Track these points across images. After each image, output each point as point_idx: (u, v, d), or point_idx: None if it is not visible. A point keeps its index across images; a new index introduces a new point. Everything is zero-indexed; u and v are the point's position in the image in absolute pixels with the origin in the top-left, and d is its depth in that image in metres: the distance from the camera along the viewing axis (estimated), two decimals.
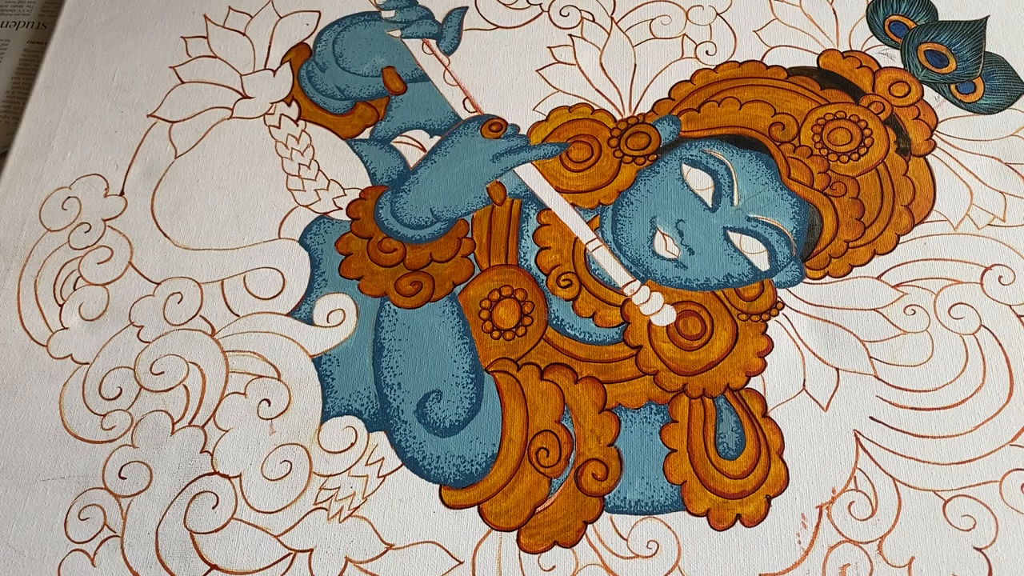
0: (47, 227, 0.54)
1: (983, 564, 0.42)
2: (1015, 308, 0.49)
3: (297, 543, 0.44)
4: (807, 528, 0.44)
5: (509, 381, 0.48)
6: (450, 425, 0.47)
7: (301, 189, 0.54)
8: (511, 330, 0.49)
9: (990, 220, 0.51)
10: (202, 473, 0.46)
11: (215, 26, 0.60)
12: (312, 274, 0.51)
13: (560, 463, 0.46)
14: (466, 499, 0.45)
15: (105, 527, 0.45)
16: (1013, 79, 0.56)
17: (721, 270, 0.50)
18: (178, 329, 0.50)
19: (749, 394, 0.47)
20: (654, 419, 0.47)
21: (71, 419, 0.48)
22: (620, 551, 0.44)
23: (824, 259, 0.51)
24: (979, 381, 0.47)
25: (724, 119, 0.55)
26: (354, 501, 0.45)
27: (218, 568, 0.44)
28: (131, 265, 0.52)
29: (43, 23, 0.63)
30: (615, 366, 0.48)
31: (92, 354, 0.50)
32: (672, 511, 0.44)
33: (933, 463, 0.45)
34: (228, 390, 0.48)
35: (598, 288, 0.50)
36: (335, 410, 0.48)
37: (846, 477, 0.45)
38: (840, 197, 0.52)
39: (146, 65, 0.59)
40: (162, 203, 0.54)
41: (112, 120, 0.57)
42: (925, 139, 0.54)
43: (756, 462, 0.45)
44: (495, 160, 0.55)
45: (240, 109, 0.57)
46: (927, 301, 0.49)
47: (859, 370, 0.47)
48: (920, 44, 0.57)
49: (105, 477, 0.46)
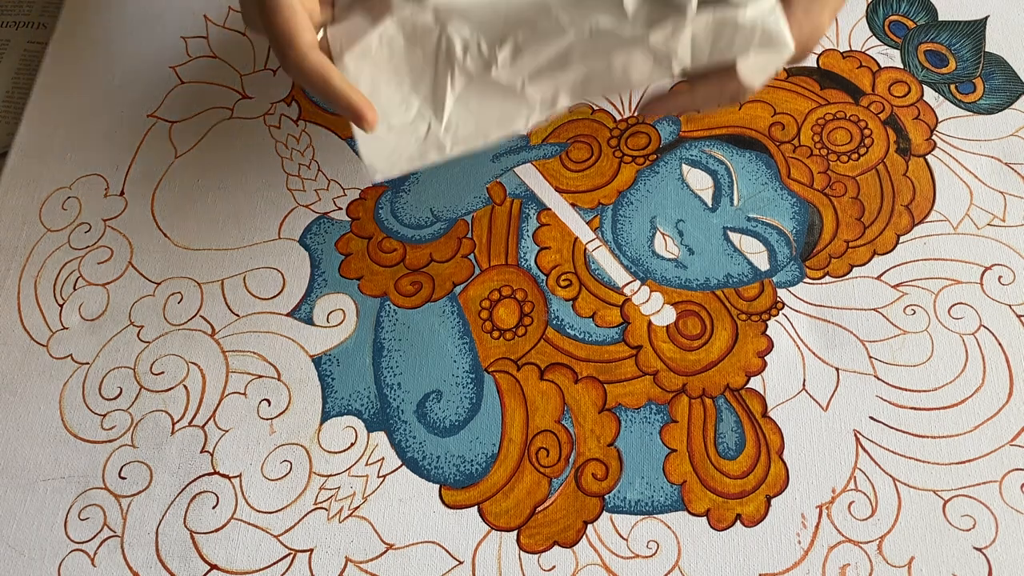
0: (47, 227, 0.54)
1: (983, 564, 0.42)
2: (1015, 308, 0.49)
3: (297, 543, 0.44)
4: (807, 528, 0.44)
5: (509, 381, 0.48)
6: (450, 425, 0.47)
7: (301, 189, 0.54)
8: (511, 330, 0.49)
9: (990, 220, 0.51)
10: (202, 473, 0.46)
11: (215, 26, 0.60)
12: (312, 274, 0.51)
13: (560, 463, 0.46)
14: (466, 499, 0.45)
15: (105, 527, 0.45)
16: (1013, 79, 0.56)
17: (721, 270, 0.50)
18: (178, 329, 0.50)
19: (749, 394, 0.47)
20: (654, 419, 0.47)
21: (71, 419, 0.48)
22: (620, 551, 0.44)
23: (824, 259, 0.51)
24: (979, 381, 0.47)
25: (724, 119, 0.55)
26: (354, 501, 0.45)
27: (218, 568, 0.44)
28: (131, 265, 0.52)
29: (43, 23, 0.63)
30: (615, 366, 0.48)
31: (92, 354, 0.50)
32: (672, 511, 0.44)
33: (933, 463, 0.45)
34: (228, 390, 0.48)
35: (598, 288, 0.50)
36: (335, 410, 0.48)
37: (846, 477, 0.45)
38: (840, 197, 0.52)
39: (146, 65, 0.59)
40: (162, 203, 0.54)
41: (112, 120, 0.57)
42: (925, 139, 0.54)
43: (756, 462, 0.45)
44: (495, 160, 0.55)
45: (240, 109, 0.57)
46: (927, 301, 0.49)
47: (859, 370, 0.47)
48: (920, 44, 0.57)
49: (105, 477, 0.46)
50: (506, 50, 0.43)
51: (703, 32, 0.41)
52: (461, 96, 0.44)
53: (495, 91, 0.43)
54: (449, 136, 0.43)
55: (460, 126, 0.43)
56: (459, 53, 0.43)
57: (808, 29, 0.43)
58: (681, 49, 0.41)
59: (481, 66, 0.43)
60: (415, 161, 0.44)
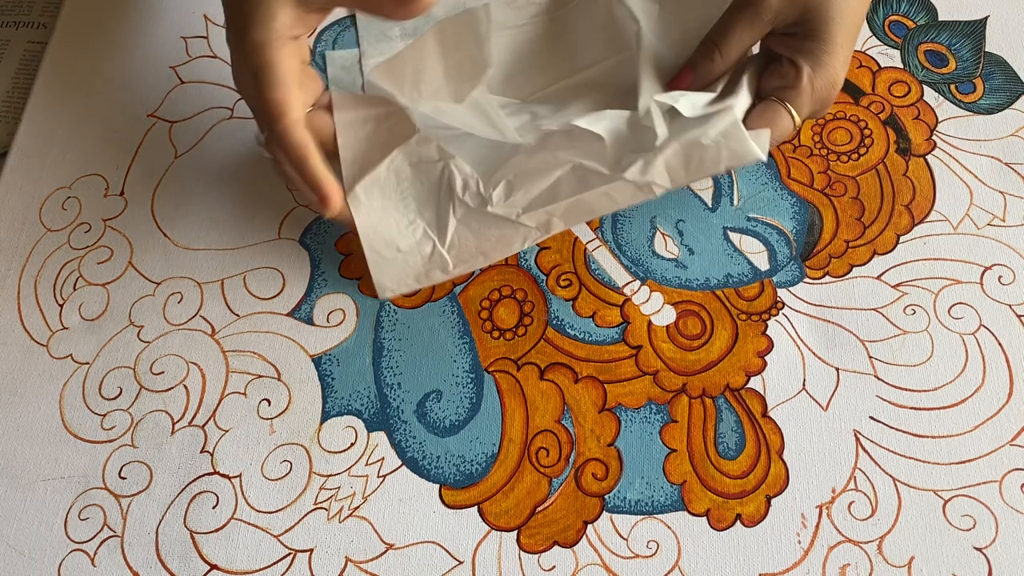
0: (47, 227, 0.54)
1: (983, 564, 0.42)
2: (1015, 308, 0.49)
3: (297, 543, 0.44)
4: (807, 528, 0.44)
5: (509, 381, 0.48)
6: (450, 425, 0.47)
7: None
8: (511, 330, 0.49)
9: (990, 220, 0.51)
10: (202, 473, 0.46)
11: (215, 26, 0.60)
12: (312, 274, 0.51)
13: (560, 463, 0.46)
14: (466, 499, 0.45)
15: (105, 527, 0.45)
16: (1013, 79, 0.56)
17: (721, 270, 0.50)
18: (178, 329, 0.50)
19: (749, 394, 0.47)
20: (654, 419, 0.47)
21: (71, 419, 0.48)
22: (620, 551, 0.44)
23: (824, 259, 0.51)
24: (979, 381, 0.47)
25: None
26: (354, 501, 0.45)
27: (218, 568, 0.44)
28: (131, 265, 0.52)
29: (43, 23, 0.63)
30: (615, 366, 0.48)
31: (92, 354, 0.50)
32: (672, 511, 0.44)
33: (933, 463, 0.45)
34: (228, 390, 0.48)
35: (598, 288, 0.50)
36: (335, 410, 0.48)
37: (846, 477, 0.45)
38: (840, 197, 0.52)
39: (146, 65, 0.59)
40: (162, 203, 0.54)
41: (112, 120, 0.57)
42: (925, 139, 0.54)
43: (756, 462, 0.45)
44: None
45: (240, 109, 0.57)
46: (927, 301, 0.49)
47: (859, 370, 0.47)
48: (920, 44, 0.57)
49: (105, 477, 0.46)
50: (500, 188, 0.47)
51: (674, 158, 0.44)
52: (463, 219, 0.47)
53: (493, 219, 0.47)
54: (452, 255, 0.48)
55: (462, 247, 0.47)
56: (459, 190, 0.47)
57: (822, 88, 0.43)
58: (658, 177, 0.44)
59: (479, 202, 0.47)
60: (421, 280, 0.48)
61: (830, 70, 0.43)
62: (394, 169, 0.48)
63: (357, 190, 0.47)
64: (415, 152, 0.48)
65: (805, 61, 0.43)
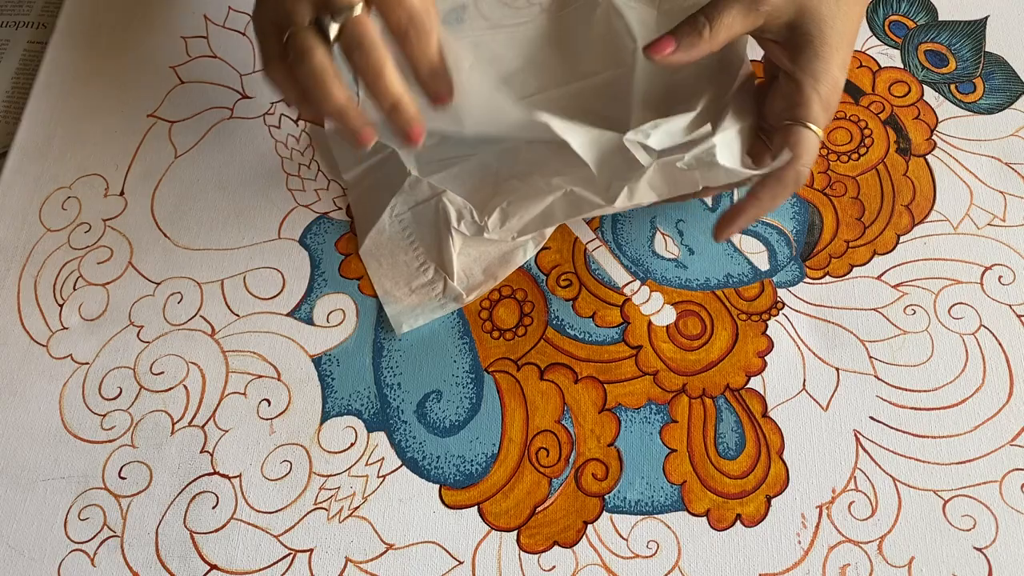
0: (47, 227, 0.54)
1: (983, 564, 0.42)
2: (1015, 308, 0.49)
3: (297, 543, 0.44)
4: (807, 528, 0.44)
5: (509, 381, 0.48)
6: (450, 425, 0.47)
7: (301, 189, 0.54)
8: (511, 330, 0.49)
9: (990, 220, 0.51)
10: (202, 473, 0.46)
11: (215, 26, 0.60)
12: (312, 274, 0.51)
13: (560, 463, 0.46)
14: (466, 499, 0.45)
15: (105, 527, 0.45)
16: (1013, 79, 0.56)
17: (721, 270, 0.50)
18: (178, 329, 0.50)
19: (749, 394, 0.47)
20: (654, 419, 0.47)
21: (71, 419, 0.48)
22: (620, 551, 0.44)
23: (824, 259, 0.51)
24: (979, 381, 0.47)
25: None
26: (354, 501, 0.45)
27: (218, 568, 0.44)
28: (131, 265, 0.52)
29: (43, 23, 0.63)
30: (615, 366, 0.48)
31: (92, 354, 0.50)
32: (672, 511, 0.44)
33: (933, 463, 0.45)
34: (228, 390, 0.48)
35: (598, 288, 0.50)
36: (335, 410, 0.48)
37: (846, 477, 0.45)
38: (840, 197, 0.52)
39: (146, 65, 0.59)
40: (162, 203, 0.54)
41: (112, 120, 0.57)
42: (925, 139, 0.54)
43: (756, 462, 0.45)
44: None
45: (240, 109, 0.57)
46: (927, 301, 0.49)
47: (859, 370, 0.47)
48: (920, 44, 0.57)
49: (105, 477, 0.46)
50: (495, 216, 0.47)
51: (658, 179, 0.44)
52: (462, 250, 0.49)
53: (491, 242, 0.49)
54: (463, 287, 0.49)
55: (470, 277, 0.49)
56: (454, 221, 0.48)
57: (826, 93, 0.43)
58: (645, 198, 0.45)
59: (476, 231, 0.48)
60: (436, 313, 0.49)
61: (829, 75, 0.43)
62: (397, 216, 0.50)
63: (367, 242, 0.50)
64: (411, 196, 0.49)
65: (802, 73, 0.43)
